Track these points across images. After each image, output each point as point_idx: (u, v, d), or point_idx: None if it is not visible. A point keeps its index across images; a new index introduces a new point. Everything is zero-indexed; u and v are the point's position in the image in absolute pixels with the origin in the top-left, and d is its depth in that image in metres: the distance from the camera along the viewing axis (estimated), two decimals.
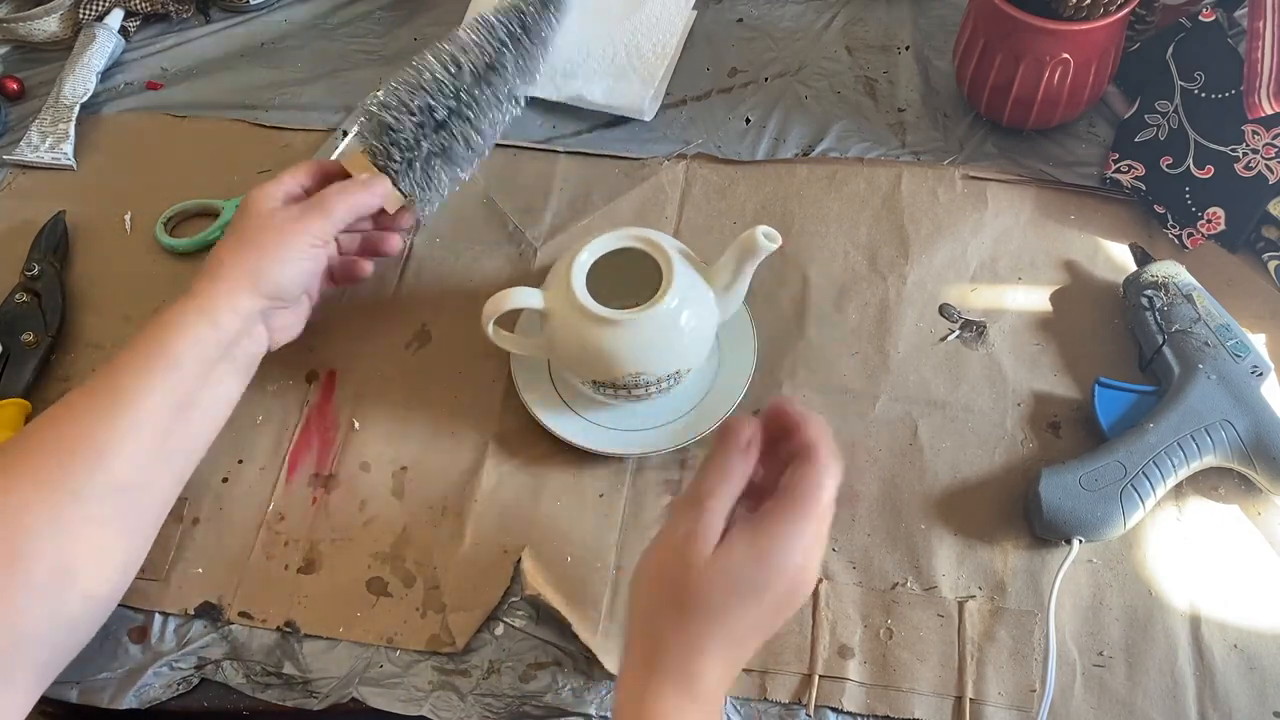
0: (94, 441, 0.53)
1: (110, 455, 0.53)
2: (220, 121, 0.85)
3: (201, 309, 0.58)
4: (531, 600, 0.60)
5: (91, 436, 0.53)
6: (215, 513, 0.65)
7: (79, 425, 0.54)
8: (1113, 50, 0.73)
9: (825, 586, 0.60)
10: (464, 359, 0.70)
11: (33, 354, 0.71)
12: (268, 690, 0.59)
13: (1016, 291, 0.72)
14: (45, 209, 0.79)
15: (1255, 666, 0.57)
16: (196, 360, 0.57)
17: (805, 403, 0.67)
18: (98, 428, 0.54)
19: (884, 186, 0.77)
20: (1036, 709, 0.56)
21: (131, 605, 0.61)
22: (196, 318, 0.58)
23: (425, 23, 0.91)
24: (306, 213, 0.62)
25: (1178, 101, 0.73)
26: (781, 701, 0.57)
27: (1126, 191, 0.74)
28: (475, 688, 0.59)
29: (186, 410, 0.57)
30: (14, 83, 0.87)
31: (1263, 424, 0.60)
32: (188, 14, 0.93)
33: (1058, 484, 0.60)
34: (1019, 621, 0.59)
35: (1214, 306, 0.65)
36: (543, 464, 0.66)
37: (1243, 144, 0.69)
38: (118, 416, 0.54)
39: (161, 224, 0.77)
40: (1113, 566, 0.61)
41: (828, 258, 0.74)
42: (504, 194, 0.78)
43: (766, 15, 0.89)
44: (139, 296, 0.75)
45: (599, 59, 0.83)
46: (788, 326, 0.71)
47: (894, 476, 0.64)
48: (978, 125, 0.80)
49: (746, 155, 0.80)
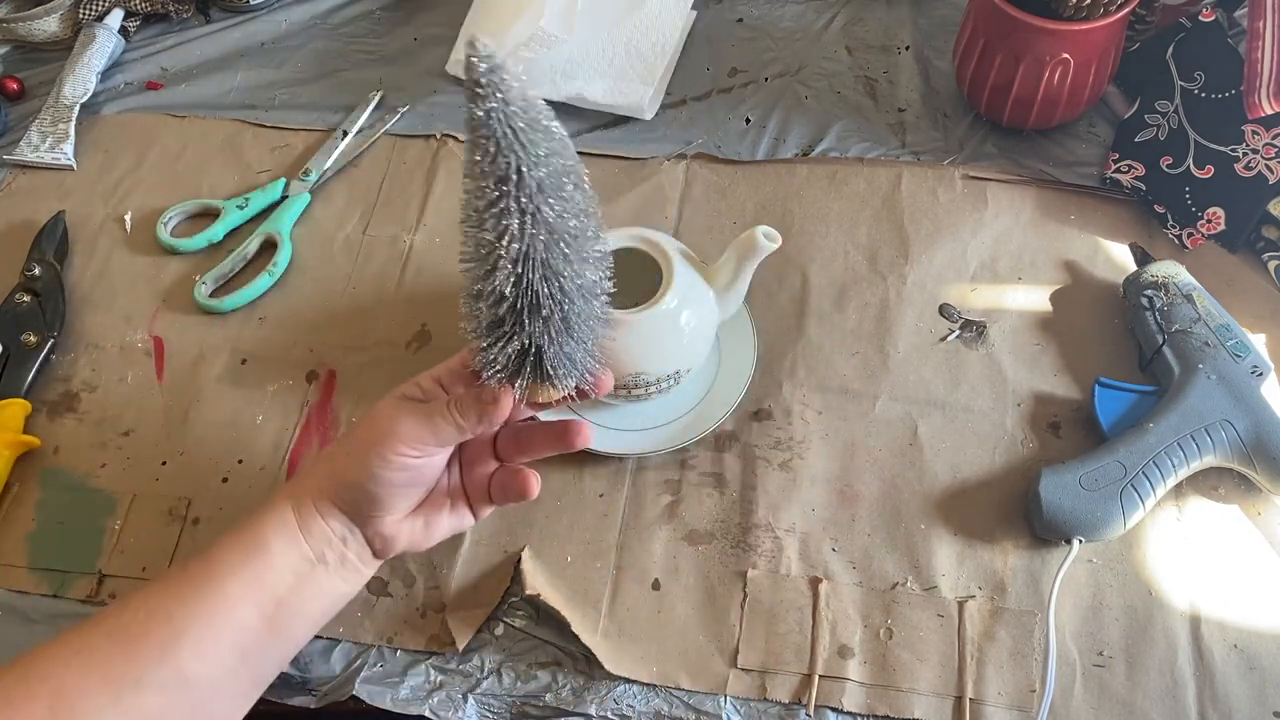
0: (169, 625, 0.48)
1: (181, 643, 0.48)
2: (220, 121, 0.85)
3: (296, 504, 0.52)
4: (531, 600, 0.60)
5: (168, 620, 0.48)
6: (215, 513, 0.65)
7: (159, 606, 0.49)
8: (1113, 50, 0.73)
9: (825, 586, 0.60)
10: None
11: (33, 354, 0.71)
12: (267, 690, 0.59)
13: (1016, 291, 0.72)
14: (45, 209, 0.79)
15: (1255, 666, 0.57)
16: (286, 553, 0.51)
17: (805, 402, 0.67)
18: (176, 609, 0.48)
19: (884, 186, 0.77)
20: (1036, 709, 0.56)
21: None
22: (287, 511, 0.52)
23: (425, 23, 0.91)
24: (410, 412, 0.51)
25: (1178, 101, 0.73)
26: (781, 701, 0.57)
27: (1126, 191, 0.74)
28: (475, 688, 0.59)
29: (274, 609, 0.51)
30: (14, 83, 0.87)
31: (1263, 424, 0.60)
32: (188, 14, 0.93)
33: (1058, 484, 0.60)
34: (1019, 621, 0.59)
35: (1214, 306, 0.65)
36: (543, 464, 0.66)
37: (1243, 144, 0.69)
38: (199, 599, 0.49)
39: (162, 224, 0.77)
40: (1113, 566, 0.61)
41: (828, 258, 0.74)
42: None
43: (766, 15, 0.89)
44: (139, 296, 0.75)
45: (599, 58, 0.83)
46: (788, 326, 0.71)
47: (894, 476, 0.65)
48: (978, 125, 0.80)
49: (746, 155, 0.80)
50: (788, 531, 0.63)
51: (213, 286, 0.74)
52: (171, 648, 0.48)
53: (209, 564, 0.50)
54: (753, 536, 0.63)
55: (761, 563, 0.62)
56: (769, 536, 0.62)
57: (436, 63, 0.87)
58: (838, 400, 0.67)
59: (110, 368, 0.72)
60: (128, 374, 0.72)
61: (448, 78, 0.86)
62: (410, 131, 0.83)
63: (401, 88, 0.86)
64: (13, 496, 0.67)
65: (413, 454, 0.51)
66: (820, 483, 0.64)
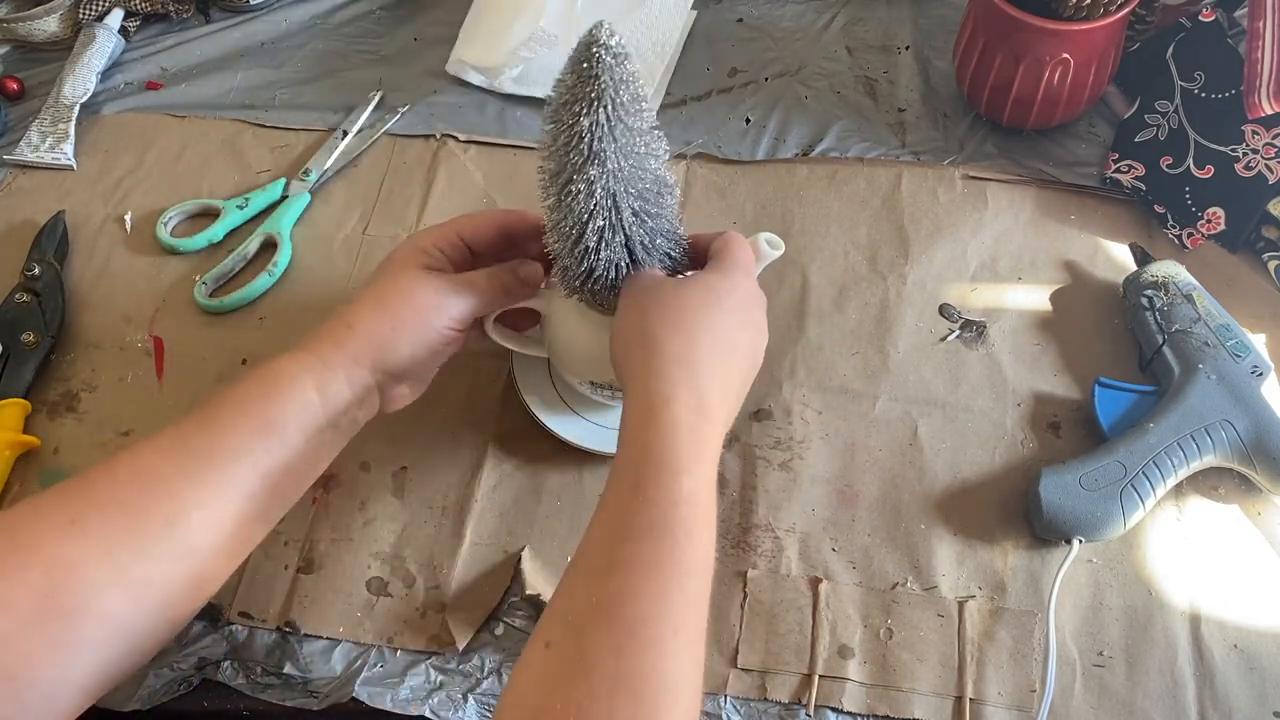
0: (175, 500, 0.48)
1: (190, 518, 0.48)
2: (220, 121, 0.85)
3: (318, 376, 0.52)
4: (531, 600, 0.60)
5: (173, 494, 0.48)
6: None
7: (161, 478, 0.48)
8: (1113, 50, 0.73)
9: (825, 586, 0.60)
10: (464, 359, 0.70)
11: (33, 354, 0.71)
12: (268, 690, 0.59)
13: (1016, 291, 0.72)
14: (45, 209, 0.79)
15: (1255, 666, 0.57)
16: (301, 429, 0.51)
17: (805, 402, 0.67)
18: (182, 485, 0.48)
19: (884, 186, 0.77)
20: (1036, 709, 0.56)
21: None
22: (310, 384, 0.52)
23: (425, 23, 0.91)
24: (456, 291, 0.55)
25: (1178, 101, 0.73)
26: (781, 701, 0.57)
27: (1126, 191, 0.74)
28: (475, 688, 0.59)
29: (280, 477, 0.51)
30: (14, 83, 0.87)
31: (1263, 424, 0.60)
32: (188, 14, 0.93)
33: (1058, 484, 0.60)
34: (1019, 621, 0.59)
35: (1214, 306, 0.65)
36: (543, 464, 0.66)
37: (1243, 144, 0.69)
38: (207, 474, 0.49)
39: (161, 224, 0.77)
40: (1113, 566, 0.61)
41: (828, 258, 0.74)
42: (504, 194, 0.78)
43: (766, 15, 0.89)
44: (139, 296, 0.75)
45: None
46: (788, 326, 0.71)
47: (894, 476, 0.64)
48: (978, 125, 0.80)
49: (746, 155, 0.80)
50: (788, 531, 0.63)
51: (213, 286, 0.74)
52: (180, 523, 0.47)
53: (216, 437, 0.50)
54: (753, 536, 0.63)
55: (761, 563, 0.62)
56: (769, 536, 0.62)
57: (436, 63, 0.87)
58: (838, 400, 0.67)
59: (110, 368, 0.72)
60: (128, 374, 0.72)
61: (448, 78, 0.86)
62: (410, 131, 0.83)
63: (401, 88, 0.86)
64: (13, 496, 0.66)
65: (459, 328, 0.55)
66: (820, 483, 0.64)
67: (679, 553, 0.44)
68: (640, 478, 0.46)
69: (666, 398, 0.47)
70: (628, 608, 0.42)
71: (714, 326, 0.50)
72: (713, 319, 0.50)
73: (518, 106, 0.84)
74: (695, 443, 0.47)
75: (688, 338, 0.49)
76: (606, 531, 0.45)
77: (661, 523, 0.44)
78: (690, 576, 0.44)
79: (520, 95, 0.84)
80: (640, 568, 0.43)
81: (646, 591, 0.43)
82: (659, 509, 0.45)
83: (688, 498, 0.45)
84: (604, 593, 0.43)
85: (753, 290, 0.54)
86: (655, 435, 0.46)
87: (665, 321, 0.50)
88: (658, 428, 0.46)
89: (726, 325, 0.51)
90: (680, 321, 0.50)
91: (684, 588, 0.43)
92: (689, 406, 0.47)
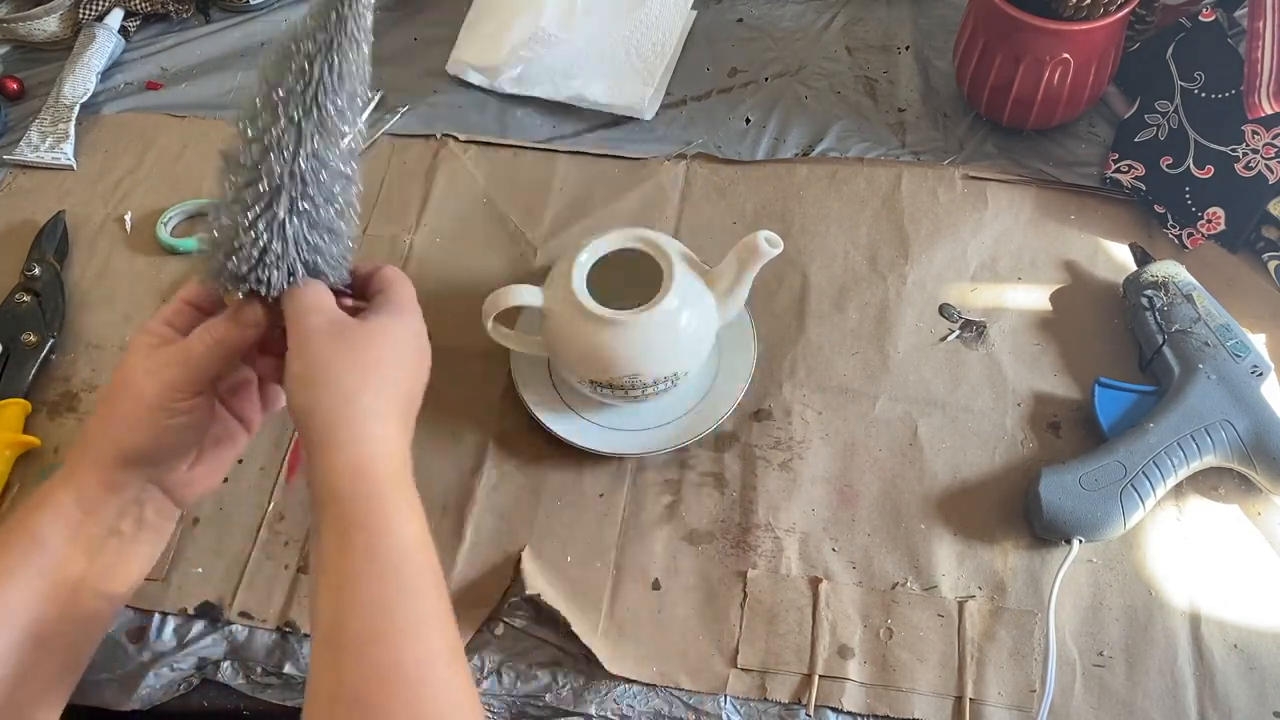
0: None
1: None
2: (220, 121, 0.85)
3: (74, 486, 0.50)
4: (531, 600, 0.60)
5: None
6: (215, 513, 0.65)
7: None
8: (1113, 50, 0.73)
9: (825, 586, 0.60)
10: (464, 359, 0.70)
11: (33, 354, 0.71)
12: (268, 690, 0.59)
13: (1016, 291, 0.72)
14: (45, 209, 0.79)
15: (1255, 666, 0.57)
16: (68, 542, 0.49)
17: (805, 402, 0.67)
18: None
19: (884, 186, 0.77)
20: (1036, 709, 0.56)
21: (131, 605, 0.61)
22: (67, 496, 0.50)
23: (425, 23, 0.91)
24: (165, 358, 0.51)
25: (1178, 101, 0.73)
26: (781, 701, 0.57)
27: (1126, 191, 0.74)
28: (474, 688, 0.58)
29: (70, 593, 0.49)
30: (14, 83, 0.87)
31: (1263, 424, 0.60)
32: (188, 14, 0.93)
33: (1058, 484, 0.60)
34: (1019, 621, 0.59)
35: (1214, 306, 0.65)
36: (543, 464, 0.66)
37: (1243, 144, 0.69)
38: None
39: (161, 224, 0.77)
40: (1113, 566, 0.61)
41: (828, 258, 0.74)
42: (504, 194, 0.78)
43: (766, 15, 0.89)
44: (139, 296, 0.75)
45: (599, 58, 0.83)
46: (788, 326, 0.71)
47: (894, 476, 0.65)
48: (978, 125, 0.80)
49: (746, 155, 0.80)
50: (788, 531, 0.63)
51: None
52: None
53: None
54: (753, 536, 0.63)
55: (761, 563, 0.62)
56: (769, 536, 0.62)
57: (436, 63, 0.87)
58: (838, 400, 0.67)
59: (110, 368, 0.72)
60: None
61: (448, 78, 0.86)
62: (410, 131, 0.83)
63: (401, 88, 0.86)
64: (13, 496, 0.66)
65: (185, 398, 0.50)
66: (820, 483, 0.64)
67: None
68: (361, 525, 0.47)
69: (371, 455, 0.48)
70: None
71: (400, 378, 0.51)
72: (401, 369, 0.52)
73: (518, 106, 0.84)
74: (403, 485, 0.50)
75: (376, 390, 0.50)
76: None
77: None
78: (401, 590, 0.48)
79: (520, 95, 0.84)
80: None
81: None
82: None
83: (413, 543, 0.49)
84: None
85: (421, 326, 0.54)
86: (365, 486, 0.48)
87: (357, 367, 0.50)
88: (371, 479, 0.48)
89: (410, 368, 0.53)
90: (378, 375, 0.50)
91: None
92: (394, 455, 0.49)
